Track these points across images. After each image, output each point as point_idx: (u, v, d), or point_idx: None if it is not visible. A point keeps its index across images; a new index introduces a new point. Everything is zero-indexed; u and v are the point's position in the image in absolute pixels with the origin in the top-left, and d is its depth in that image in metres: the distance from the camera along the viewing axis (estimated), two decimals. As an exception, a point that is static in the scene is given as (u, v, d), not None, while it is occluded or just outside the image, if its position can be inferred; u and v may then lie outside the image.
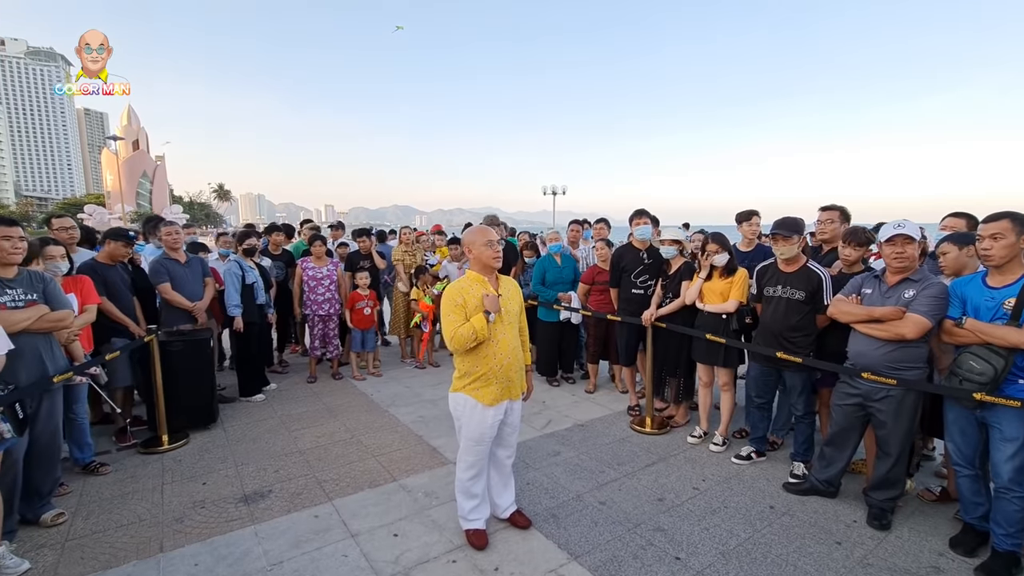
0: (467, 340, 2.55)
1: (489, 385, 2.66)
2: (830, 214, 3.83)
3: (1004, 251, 2.48)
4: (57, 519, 3.04)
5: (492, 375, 2.66)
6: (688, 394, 4.53)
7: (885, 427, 2.93)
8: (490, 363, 2.65)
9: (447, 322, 2.61)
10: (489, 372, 2.65)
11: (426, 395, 5.32)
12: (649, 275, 4.52)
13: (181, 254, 4.62)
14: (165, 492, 3.41)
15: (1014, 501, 2.50)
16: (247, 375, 5.20)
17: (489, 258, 2.70)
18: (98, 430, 4.21)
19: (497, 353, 2.66)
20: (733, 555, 2.75)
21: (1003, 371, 2.44)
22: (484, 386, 2.66)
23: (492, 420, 2.70)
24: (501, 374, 2.68)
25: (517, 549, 2.79)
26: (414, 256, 6.48)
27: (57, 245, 3.56)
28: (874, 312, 2.87)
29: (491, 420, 2.69)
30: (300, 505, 3.24)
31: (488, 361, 2.65)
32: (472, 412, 2.67)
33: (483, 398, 2.66)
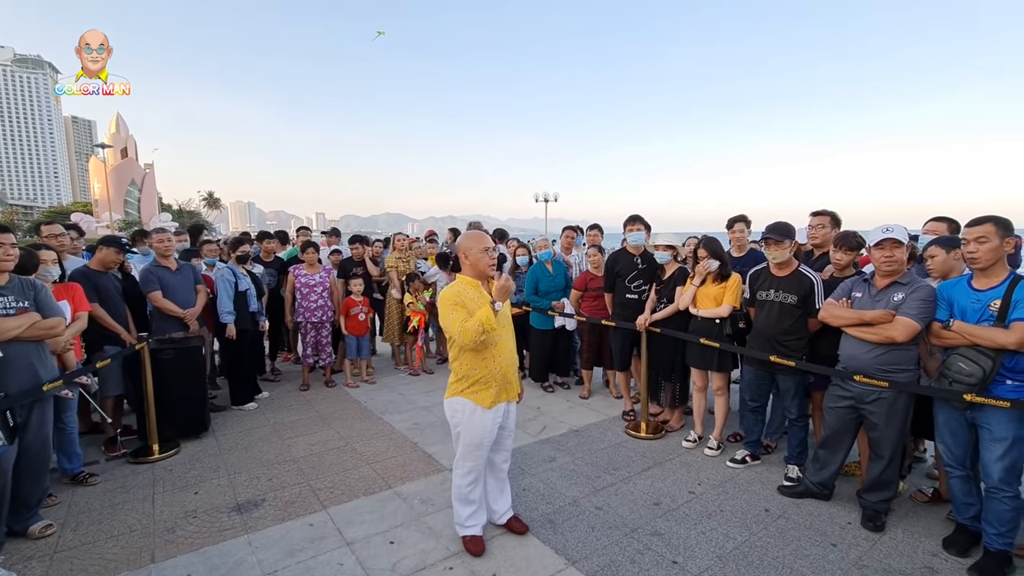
0: (476, 333, 2.51)
1: (489, 388, 2.67)
2: (821, 219, 3.89)
3: (989, 254, 2.54)
4: (45, 531, 2.98)
5: (492, 377, 2.66)
6: (683, 399, 4.55)
7: (877, 429, 2.96)
8: (490, 365, 2.66)
9: (452, 320, 2.56)
10: (489, 374, 2.66)
11: (420, 402, 5.29)
12: (643, 280, 4.55)
13: (172, 261, 4.58)
14: (156, 502, 3.36)
15: (1005, 501, 2.53)
16: (240, 383, 5.15)
17: (486, 265, 2.70)
18: (87, 440, 4.15)
19: (497, 355, 2.68)
20: (730, 558, 2.75)
21: (991, 372, 2.49)
22: (484, 389, 2.66)
23: (492, 423, 2.70)
24: (500, 376, 2.69)
25: (514, 555, 2.78)
26: (407, 263, 6.48)
27: (48, 250, 3.53)
28: (864, 316, 2.91)
29: (491, 423, 2.69)
30: (294, 514, 3.20)
31: (489, 363, 2.66)
32: (472, 416, 2.67)
33: (483, 401, 2.66)
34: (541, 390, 5.62)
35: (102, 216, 49.89)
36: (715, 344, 3.79)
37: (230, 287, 4.96)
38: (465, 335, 2.52)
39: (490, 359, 2.66)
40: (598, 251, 5.22)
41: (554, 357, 5.64)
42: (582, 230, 6.50)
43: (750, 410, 3.77)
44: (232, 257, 5.25)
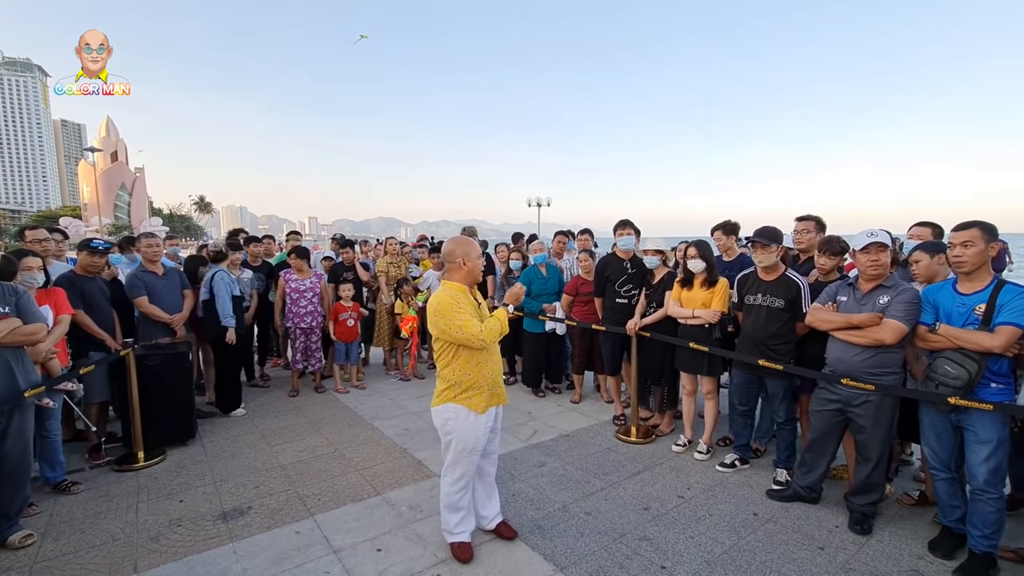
0: (497, 332, 2.61)
1: (482, 393, 2.68)
2: (806, 224, 3.91)
3: (975, 258, 2.57)
4: (25, 540, 2.92)
5: (484, 382, 2.68)
6: (672, 403, 4.56)
7: (864, 432, 2.97)
8: (483, 370, 2.68)
9: (465, 323, 2.54)
10: (482, 379, 2.67)
11: (411, 407, 5.26)
12: (633, 285, 4.56)
13: (159, 266, 4.53)
14: (140, 510, 3.31)
15: (989, 503, 2.55)
16: (231, 391, 5.06)
17: (479, 270, 2.77)
18: (70, 447, 4.08)
19: (489, 360, 2.71)
20: (718, 563, 2.75)
21: (977, 375, 2.51)
22: (477, 394, 2.67)
23: (485, 427, 2.71)
24: (491, 380, 2.72)
25: (503, 562, 2.76)
26: (399, 268, 6.44)
27: (35, 257, 3.47)
28: (852, 319, 2.94)
29: (484, 427, 2.70)
30: (281, 521, 3.17)
31: (482, 368, 2.68)
32: (465, 421, 2.66)
33: (476, 406, 2.67)
34: (532, 395, 5.61)
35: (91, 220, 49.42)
36: (704, 348, 3.80)
37: (228, 290, 4.90)
38: (487, 335, 2.56)
39: (483, 364, 2.68)
40: (589, 256, 5.22)
41: (547, 362, 5.63)
42: (574, 235, 6.50)
43: (739, 414, 3.78)
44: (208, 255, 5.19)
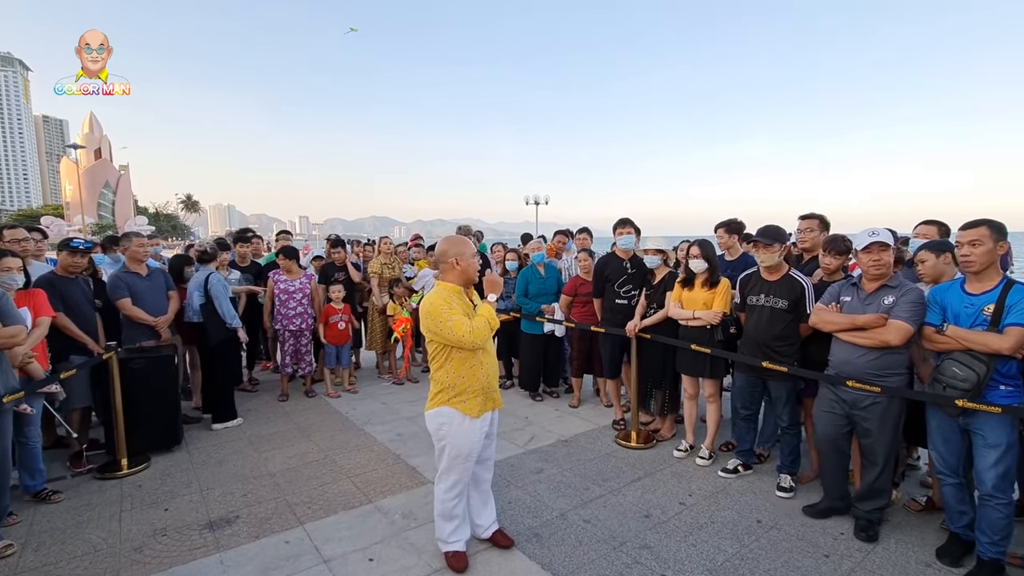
0: (486, 330, 2.52)
1: (476, 396, 2.60)
2: (810, 223, 3.85)
3: (983, 257, 2.51)
4: (5, 551, 2.82)
5: (479, 386, 2.60)
6: (674, 407, 4.48)
7: (870, 435, 2.91)
8: (478, 373, 2.60)
9: (455, 323, 2.47)
10: (476, 383, 2.59)
11: (404, 412, 5.15)
12: (633, 285, 4.47)
13: (143, 267, 4.41)
14: (123, 520, 3.20)
15: (998, 508, 2.49)
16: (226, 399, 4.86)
17: (474, 270, 2.68)
18: (51, 455, 3.94)
19: (484, 363, 2.63)
20: (720, 571, 2.68)
21: (985, 377, 2.45)
22: (471, 398, 2.59)
23: (479, 433, 2.63)
24: (486, 384, 2.63)
25: (499, 572, 2.68)
26: (393, 268, 6.31)
27: (14, 257, 3.35)
28: (857, 320, 2.87)
29: (479, 432, 2.62)
30: (269, 530, 3.06)
31: (476, 371, 2.59)
32: (460, 426, 2.58)
33: (470, 410, 2.58)
34: (530, 399, 5.51)
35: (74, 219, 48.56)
36: (706, 350, 3.72)
37: (227, 291, 4.78)
38: (476, 334, 2.48)
39: (478, 366, 2.60)
40: (588, 255, 5.12)
41: (545, 365, 5.53)
42: (572, 234, 6.41)
43: (742, 418, 3.71)
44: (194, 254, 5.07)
